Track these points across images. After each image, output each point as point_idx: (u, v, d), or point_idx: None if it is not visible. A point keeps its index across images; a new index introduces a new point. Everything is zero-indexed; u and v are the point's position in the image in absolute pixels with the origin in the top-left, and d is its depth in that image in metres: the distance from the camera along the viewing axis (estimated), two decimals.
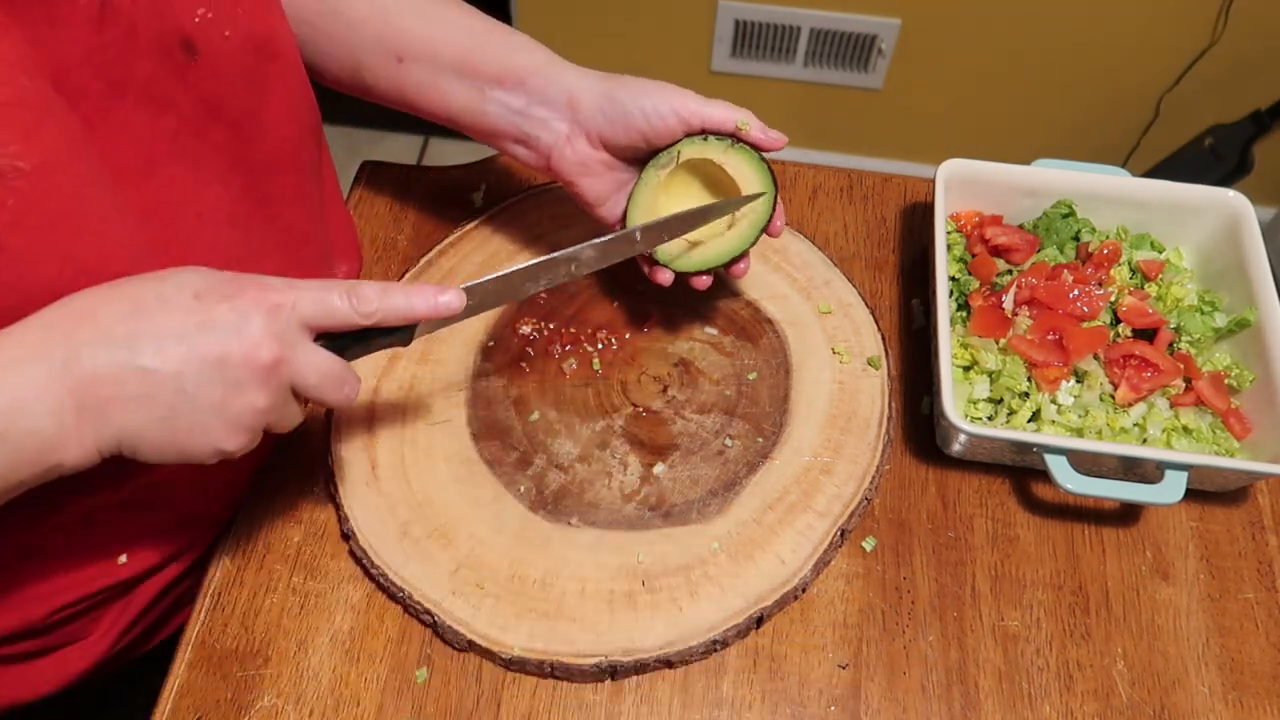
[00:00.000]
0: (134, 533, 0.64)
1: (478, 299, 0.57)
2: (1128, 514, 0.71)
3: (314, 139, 0.68)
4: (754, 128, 0.65)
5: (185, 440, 0.46)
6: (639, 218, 0.68)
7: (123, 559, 0.64)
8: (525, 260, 0.66)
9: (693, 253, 0.68)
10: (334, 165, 0.77)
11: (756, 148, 0.66)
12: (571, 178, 0.68)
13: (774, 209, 0.67)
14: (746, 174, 0.66)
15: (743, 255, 0.68)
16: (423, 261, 0.79)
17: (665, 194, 0.69)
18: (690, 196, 0.71)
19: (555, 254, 0.60)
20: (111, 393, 0.44)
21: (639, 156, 0.68)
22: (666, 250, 0.68)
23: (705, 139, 0.65)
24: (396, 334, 0.54)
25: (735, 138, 0.65)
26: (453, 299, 0.53)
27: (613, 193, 0.70)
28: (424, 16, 0.67)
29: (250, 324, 0.46)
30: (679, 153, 0.66)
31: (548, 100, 0.66)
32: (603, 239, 0.62)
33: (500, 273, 0.57)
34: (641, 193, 0.68)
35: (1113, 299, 0.74)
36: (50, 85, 0.46)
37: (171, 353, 0.44)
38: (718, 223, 0.69)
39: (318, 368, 0.49)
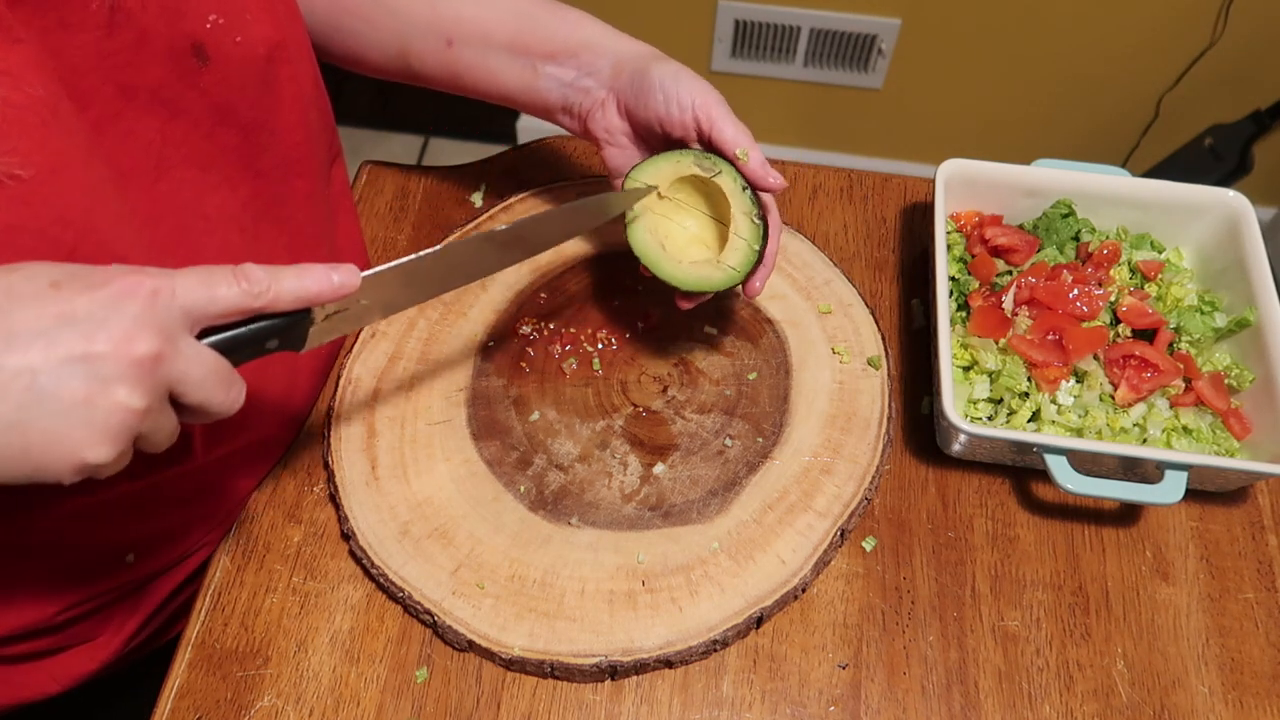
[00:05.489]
0: (141, 532, 0.64)
1: (375, 290, 0.52)
2: (1128, 514, 0.71)
3: (324, 144, 0.69)
4: (754, 162, 0.63)
5: (40, 450, 0.39)
6: (639, 234, 0.67)
7: (130, 558, 0.64)
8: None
9: (689, 270, 0.66)
10: (346, 168, 0.78)
11: (750, 181, 0.63)
12: (600, 142, 0.69)
13: (758, 261, 0.64)
14: (737, 206, 0.64)
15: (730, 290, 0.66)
16: None
17: (663, 211, 0.68)
18: (689, 216, 0.70)
19: (435, 248, 0.55)
20: None
21: (654, 141, 0.67)
22: (665, 269, 0.66)
23: (701, 155, 0.64)
24: (289, 332, 0.48)
25: (733, 164, 0.63)
26: (347, 277, 0.47)
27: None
28: None
29: (122, 314, 0.39)
30: (676, 163, 0.65)
31: (595, 71, 0.66)
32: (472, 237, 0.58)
33: (397, 262, 0.52)
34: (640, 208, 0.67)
35: (1113, 299, 0.74)
36: (62, 90, 0.46)
37: (23, 346, 0.38)
38: (713, 251, 0.68)
39: (203, 363, 0.43)
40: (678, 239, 0.69)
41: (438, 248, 0.54)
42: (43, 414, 0.38)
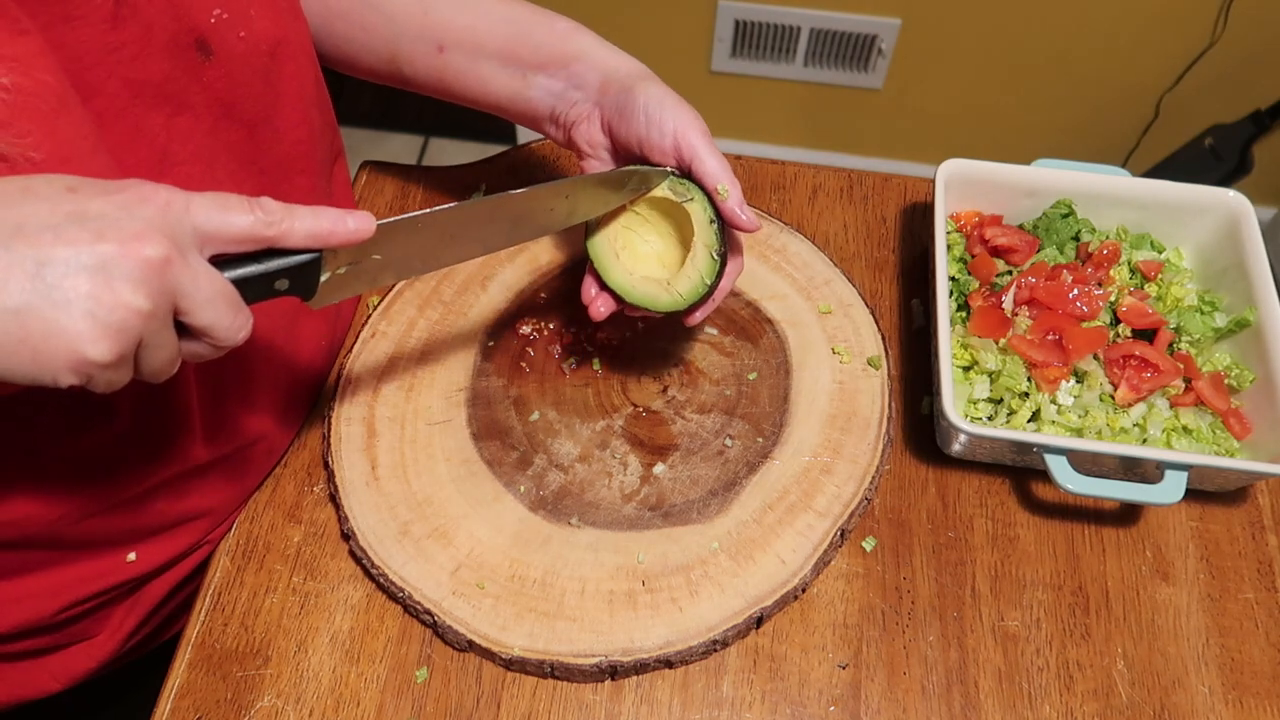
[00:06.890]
0: (142, 529, 0.64)
1: (389, 243, 0.52)
2: (1128, 514, 0.71)
3: (325, 141, 0.69)
4: (732, 200, 0.61)
5: (39, 340, 0.38)
6: (599, 238, 0.67)
7: (131, 556, 0.64)
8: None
9: (637, 284, 0.66)
10: (347, 168, 0.78)
11: (725, 219, 0.62)
12: (581, 154, 0.69)
13: (707, 296, 0.64)
14: (700, 238, 0.63)
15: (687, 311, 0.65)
16: None
17: (628, 223, 0.68)
18: (653, 232, 0.69)
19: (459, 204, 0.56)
20: None
21: (633, 160, 0.67)
22: (624, 285, 0.66)
23: (677, 179, 0.63)
24: (300, 275, 0.48)
25: (709, 196, 0.62)
26: (362, 222, 0.48)
27: None
28: (463, 6, 0.67)
29: (134, 216, 0.40)
30: (650, 185, 0.64)
31: (584, 84, 0.67)
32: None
33: (411, 214, 0.53)
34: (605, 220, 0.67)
35: (1112, 299, 0.74)
36: (68, 82, 0.46)
37: (30, 237, 0.38)
38: (670, 271, 0.68)
39: (211, 282, 0.43)
40: (637, 250, 0.69)
41: (453, 204, 0.55)
42: (45, 304, 0.38)
